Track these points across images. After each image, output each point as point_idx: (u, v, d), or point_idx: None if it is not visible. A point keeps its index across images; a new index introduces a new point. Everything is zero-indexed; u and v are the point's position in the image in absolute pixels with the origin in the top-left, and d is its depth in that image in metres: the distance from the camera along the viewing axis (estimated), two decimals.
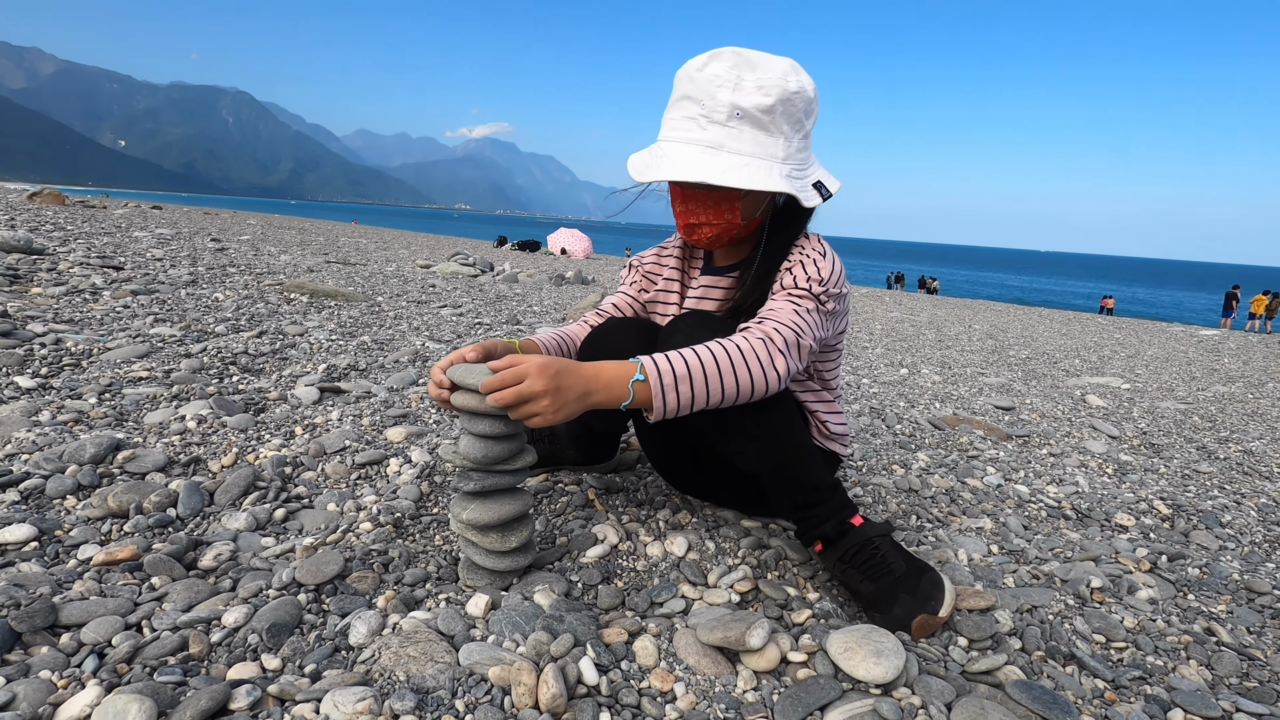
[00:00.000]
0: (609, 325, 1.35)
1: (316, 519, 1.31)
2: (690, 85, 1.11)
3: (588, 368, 0.99)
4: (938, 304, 13.70)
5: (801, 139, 1.14)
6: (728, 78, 1.08)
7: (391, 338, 3.04)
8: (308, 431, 1.75)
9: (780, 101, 1.08)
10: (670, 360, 1.00)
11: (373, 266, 6.51)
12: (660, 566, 1.25)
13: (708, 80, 1.09)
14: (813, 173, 1.17)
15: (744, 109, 1.08)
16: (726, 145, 1.09)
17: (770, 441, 1.14)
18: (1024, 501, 1.87)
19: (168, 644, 0.89)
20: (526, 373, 0.95)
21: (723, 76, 1.08)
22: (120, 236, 5.53)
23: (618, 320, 1.36)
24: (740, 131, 1.09)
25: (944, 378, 4.09)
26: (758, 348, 1.04)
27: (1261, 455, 2.83)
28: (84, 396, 1.77)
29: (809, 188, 1.14)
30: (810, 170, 1.17)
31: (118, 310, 2.76)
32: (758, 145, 1.10)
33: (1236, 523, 1.90)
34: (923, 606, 1.09)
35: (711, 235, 1.22)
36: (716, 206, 1.17)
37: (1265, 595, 1.41)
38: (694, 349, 1.03)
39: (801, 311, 1.12)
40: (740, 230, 1.22)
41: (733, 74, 1.08)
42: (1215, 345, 8.95)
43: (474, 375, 1.02)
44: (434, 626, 0.98)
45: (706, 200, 1.17)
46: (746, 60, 1.09)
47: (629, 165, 1.16)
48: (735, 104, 1.07)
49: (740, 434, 1.14)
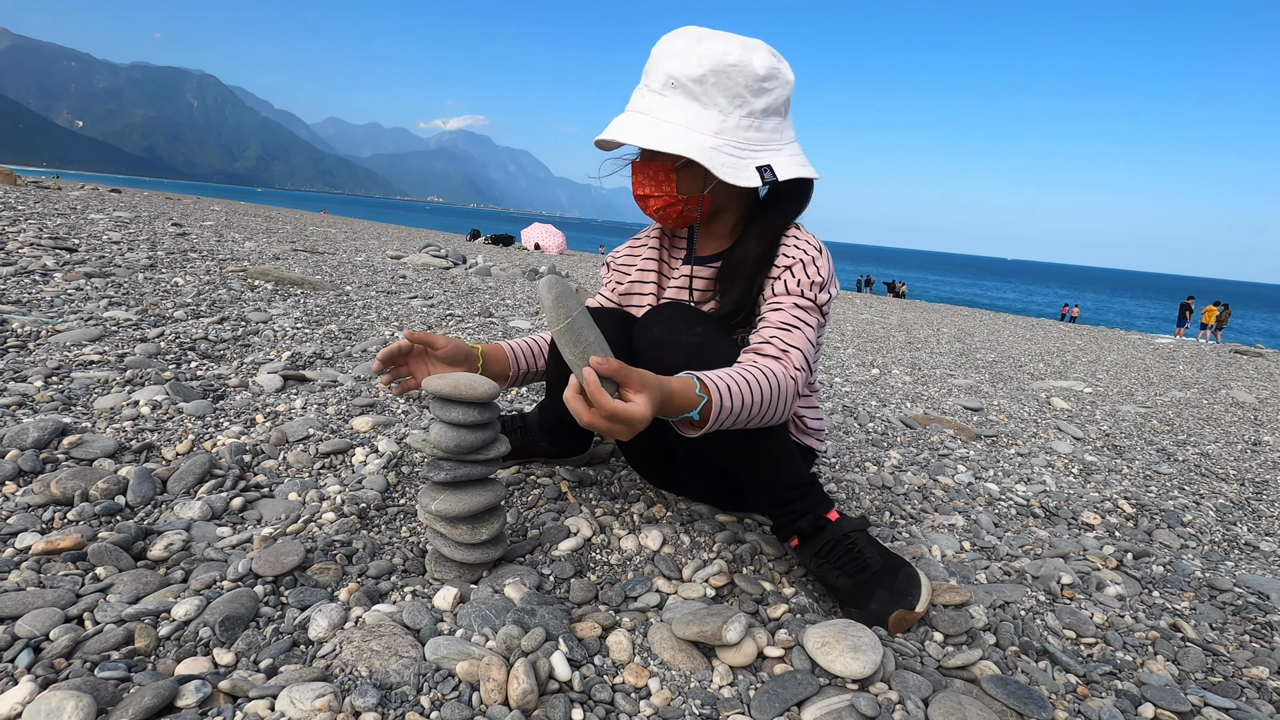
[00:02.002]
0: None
1: (276, 509, 1.26)
2: (649, 60, 1.13)
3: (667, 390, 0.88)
4: (906, 307, 13.91)
5: (745, 116, 1.10)
6: (676, 49, 1.09)
7: (360, 327, 2.96)
8: (269, 419, 1.68)
9: (712, 72, 1.06)
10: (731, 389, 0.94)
11: (341, 256, 6.36)
12: (634, 560, 1.22)
13: (660, 53, 1.10)
14: (762, 155, 1.11)
15: (677, 78, 1.08)
16: (654, 112, 1.10)
17: (748, 436, 1.12)
18: (994, 499, 1.88)
19: (111, 638, 0.84)
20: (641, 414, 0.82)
21: (673, 48, 1.09)
22: (75, 218, 5.31)
23: (593, 309, 1.33)
24: (670, 100, 1.09)
25: (914, 378, 4.13)
26: (789, 387, 1.03)
27: (1217, 458, 2.91)
28: (29, 379, 1.68)
29: (744, 166, 1.09)
30: (759, 152, 1.11)
31: (70, 292, 2.64)
32: (686, 114, 1.08)
33: (1197, 522, 1.95)
34: (900, 601, 1.08)
35: (659, 208, 1.20)
36: (654, 177, 1.17)
37: (1226, 592, 1.44)
38: (749, 377, 0.97)
39: (812, 337, 1.12)
40: (687, 206, 1.19)
41: (682, 45, 1.08)
42: (1171, 353, 9.23)
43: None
44: (399, 620, 0.93)
45: (646, 171, 1.17)
46: (700, 35, 1.09)
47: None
48: (670, 72, 1.08)
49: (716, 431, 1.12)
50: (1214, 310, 18.33)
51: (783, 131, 1.16)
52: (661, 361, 1.04)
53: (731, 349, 1.11)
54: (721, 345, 1.10)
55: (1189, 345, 11.23)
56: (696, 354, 1.06)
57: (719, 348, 1.09)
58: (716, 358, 1.06)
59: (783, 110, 1.15)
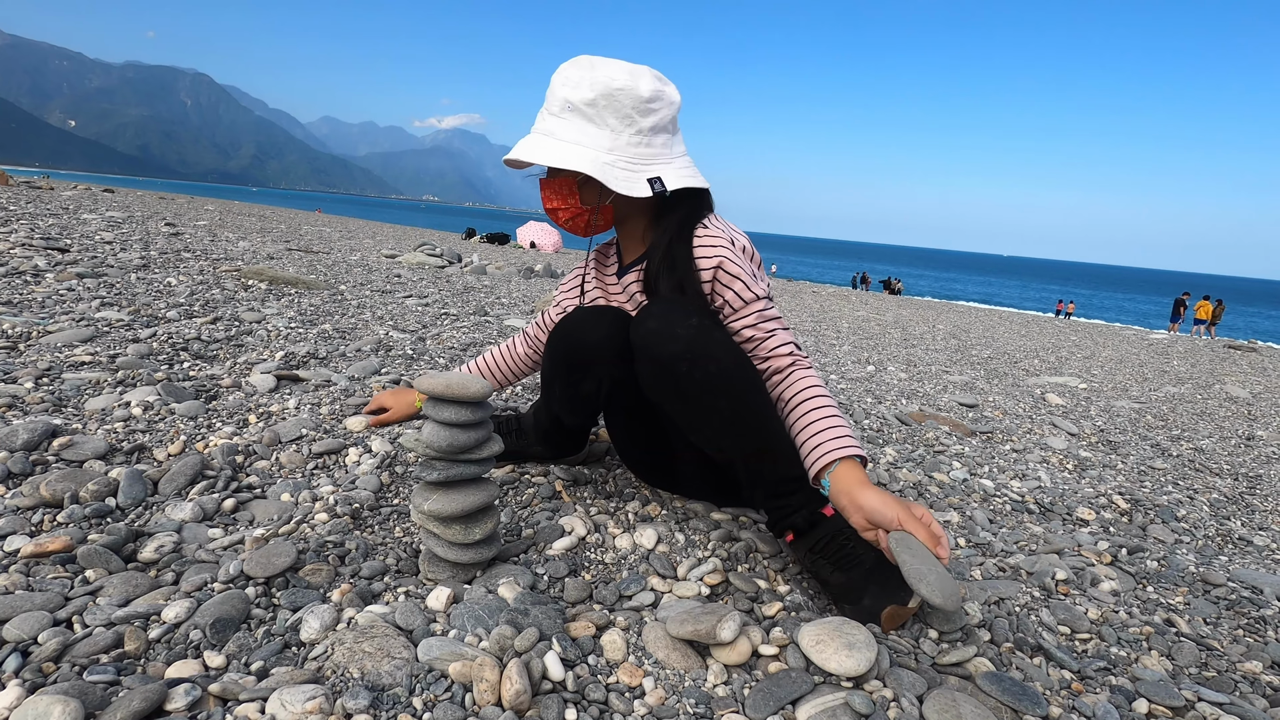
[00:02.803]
0: (581, 312, 1.31)
1: (269, 509, 1.25)
2: (550, 86, 1.25)
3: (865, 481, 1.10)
4: (902, 304, 13.93)
5: (635, 134, 1.21)
6: (570, 77, 1.21)
7: (354, 326, 2.95)
8: (262, 420, 1.67)
9: (603, 96, 1.18)
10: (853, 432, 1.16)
11: (336, 255, 6.34)
12: (629, 559, 1.22)
13: (557, 81, 1.23)
14: (653, 168, 1.23)
15: (572, 102, 1.20)
16: (554, 133, 1.22)
17: (743, 430, 1.14)
18: (989, 496, 1.88)
19: (100, 641, 0.83)
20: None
21: (568, 77, 1.21)
22: (67, 218, 5.28)
23: (589, 308, 1.33)
24: (567, 122, 1.21)
25: (910, 375, 4.14)
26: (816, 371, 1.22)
27: (1211, 453, 2.92)
28: (19, 380, 1.67)
29: (635, 179, 1.21)
30: (649, 165, 1.23)
31: (61, 293, 2.63)
32: (581, 134, 1.20)
33: (1190, 517, 1.95)
34: (892, 597, 1.08)
35: (568, 219, 1.32)
36: (559, 191, 1.29)
37: (1220, 587, 1.44)
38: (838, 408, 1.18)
39: (782, 325, 1.25)
40: (593, 215, 1.31)
41: (576, 74, 1.20)
42: (1165, 348, 9.26)
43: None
44: (392, 621, 0.93)
45: (552, 185, 1.29)
46: (592, 64, 1.21)
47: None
48: (565, 98, 1.21)
49: (714, 422, 1.14)
50: (1208, 305, 18.41)
51: (672, 147, 1.27)
52: (660, 352, 1.10)
53: (727, 337, 1.17)
54: (718, 335, 1.15)
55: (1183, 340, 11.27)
56: (694, 343, 1.11)
57: (715, 337, 1.14)
58: (713, 346, 1.12)
59: (670, 128, 1.27)
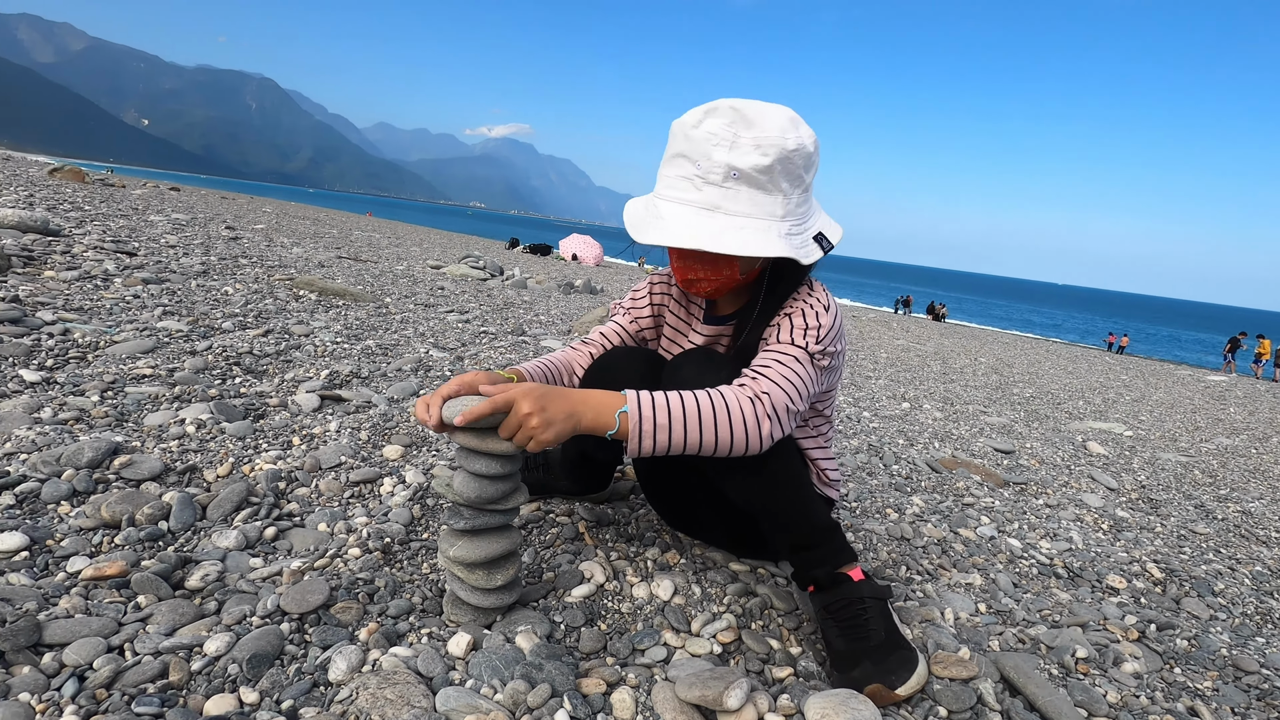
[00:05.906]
0: (615, 353, 1.35)
1: (306, 539, 1.32)
2: (686, 143, 1.07)
3: (576, 393, 1.04)
4: (945, 333, 13.67)
5: (801, 193, 1.10)
6: (724, 135, 1.04)
7: (396, 343, 3.05)
8: (305, 442, 1.75)
9: (779, 160, 1.04)
10: (655, 400, 1.03)
11: (384, 264, 6.54)
12: (645, 610, 1.25)
13: (703, 138, 1.05)
14: (814, 224, 1.13)
15: (740, 169, 1.03)
16: (722, 207, 1.05)
17: (770, 479, 1.13)
18: (1015, 557, 1.86)
19: (148, 670, 0.90)
20: (513, 398, 1.00)
21: (719, 134, 1.04)
22: (136, 219, 5.57)
23: (624, 349, 1.37)
24: (737, 192, 1.05)
25: (945, 414, 4.07)
26: (746, 407, 1.03)
27: (1260, 517, 2.80)
28: (87, 393, 1.78)
29: (809, 242, 1.10)
30: (811, 222, 1.13)
31: (127, 300, 2.78)
32: (755, 205, 1.05)
33: (1229, 591, 1.89)
34: (882, 678, 1.07)
35: (710, 289, 1.20)
36: (714, 265, 1.15)
37: (1252, 674, 1.40)
38: (685, 394, 1.04)
39: (797, 370, 1.09)
40: (740, 282, 1.20)
41: (729, 131, 1.04)
42: (1222, 393, 8.89)
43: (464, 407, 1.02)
44: (413, 667, 0.98)
45: (704, 258, 1.14)
46: (743, 116, 1.05)
47: (626, 218, 1.14)
48: (731, 164, 1.03)
49: (740, 470, 1.13)
50: (1268, 344, 17.59)
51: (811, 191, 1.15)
52: None
53: None
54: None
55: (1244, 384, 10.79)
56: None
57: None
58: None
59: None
